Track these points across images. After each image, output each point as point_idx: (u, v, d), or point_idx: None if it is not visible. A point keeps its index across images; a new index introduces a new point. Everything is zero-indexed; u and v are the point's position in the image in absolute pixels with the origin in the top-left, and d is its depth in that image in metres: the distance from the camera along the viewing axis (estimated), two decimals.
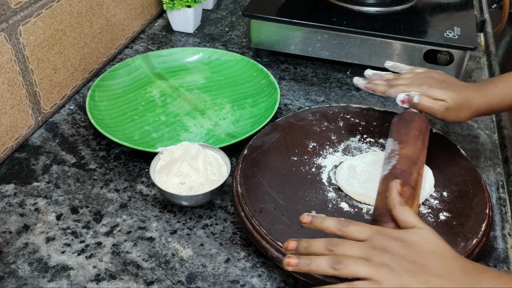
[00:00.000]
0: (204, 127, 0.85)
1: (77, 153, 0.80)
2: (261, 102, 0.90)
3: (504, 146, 0.84)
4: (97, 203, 0.72)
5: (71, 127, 0.86)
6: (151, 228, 0.68)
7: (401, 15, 0.99)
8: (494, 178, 0.78)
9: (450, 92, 0.71)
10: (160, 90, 0.93)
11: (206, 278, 0.62)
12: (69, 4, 0.86)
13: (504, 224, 0.71)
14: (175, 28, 1.14)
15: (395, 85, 0.75)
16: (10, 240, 0.66)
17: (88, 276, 0.62)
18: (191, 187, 0.70)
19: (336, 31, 0.94)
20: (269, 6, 1.00)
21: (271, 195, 0.67)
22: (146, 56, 0.98)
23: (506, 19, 1.43)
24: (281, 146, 0.75)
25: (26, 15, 0.77)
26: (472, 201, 0.66)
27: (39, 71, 0.82)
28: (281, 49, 1.00)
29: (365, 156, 0.73)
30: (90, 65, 0.96)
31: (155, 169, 0.71)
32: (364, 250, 0.51)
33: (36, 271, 0.62)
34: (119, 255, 0.65)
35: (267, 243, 0.61)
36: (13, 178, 0.75)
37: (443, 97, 0.71)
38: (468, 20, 0.98)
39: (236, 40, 1.11)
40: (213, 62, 1.00)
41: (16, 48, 0.76)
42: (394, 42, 0.93)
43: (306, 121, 0.80)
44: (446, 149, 0.75)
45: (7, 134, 0.77)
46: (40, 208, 0.71)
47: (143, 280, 0.62)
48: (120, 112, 0.87)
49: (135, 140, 0.81)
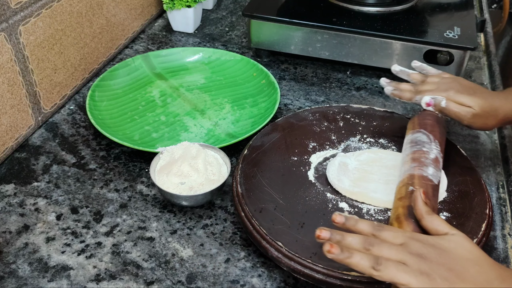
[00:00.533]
0: (204, 127, 0.85)
1: (77, 153, 0.80)
2: (261, 102, 0.90)
3: (504, 146, 0.84)
4: (97, 203, 0.72)
5: (71, 127, 0.86)
6: (151, 228, 0.68)
7: (401, 15, 0.99)
8: (494, 178, 0.78)
9: (477, 99, 0.70)
10: (160, 90, 0.93)
11: (206, 278, 0.62)
12: (69, 4, 0.86)
13: (504, 224, 0.71)
14: (175, 28, 1.14)
15: (421, 91, 0.74)
16: (10, 240, 0.66)
17: (88, 276, 0.62)
18: (191, 187, 0.70)
19: (336, 31, 0.94)
20: (269, 6, 1.00)
21: (271, 195, 0.67)
22: (146, 56, 0.98)
23: (506, 19, 1.43)
24: (281, 146, 0.75)
25: (26, 15, 0.77)
26: (472, 201, 0.66)
27: (39, 71, 0.82)
28: (281, 49, 1.00)
29: (361, 154, 0.73)
30: (90, 65, 0.96)
31: (155, 169, 0.71)
32: (401, 255, 0.49)
33: (36, 271, 0.62)
34: (119, 255, 0.65)
35: (267, 243, 0.61)
36: (13, 178, 0.75)
37: (470, 103, 0.70)
38: (468, 20, 0.98)
39: (236, 40, 1.11)
40: (213, 62, 1.00)
41: (16, 48, 0.76)
42: (394, 42, 0.93)
43: (306, 121, 0.80)
44: (446, 149, 0.75)
45: (7, 134, 0.77)
46: (40, 208, 0.71)
47: (143, 280, 0.62)
48: (120, 112, 0.87)
49: (135, 140, 0.81)
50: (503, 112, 0.70)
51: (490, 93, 0.73)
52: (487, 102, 0.70)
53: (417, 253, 0.49)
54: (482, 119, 0.70)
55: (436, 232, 0.53)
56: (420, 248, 0.50)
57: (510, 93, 0.72)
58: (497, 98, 0.71)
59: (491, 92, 0.73)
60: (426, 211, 0.54)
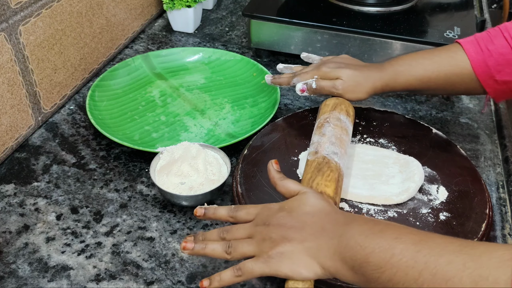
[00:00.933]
0: (204, 127, 0.85)
1: (77, 153, 0.80)
2: (261, 102, 0.90)
3: (504, 146, 0.84)
4: (97, 203, 0.72)
5: (71, 127, 0.86)
6: (151, 228, 0.68)
7: (401, 15, 0.99)
8: (494, 178, 0.78)
9: (346, 70, 0.74)
10: (160, 90, 0.93)
11: None
12: (69, 4, 0.86)
13: (504, 224, 0.71)
14: (175, 28, 1.14)
15: (297, 74, 0.78)
16: (10, 240, 0.66)
17: (88, 276, 0.62)
18: (191, 187, 0.70)
19: (336, 31, 0.94)
20: (269, 6, 1.00)
21: (271, 195, 0.67)
22: (146, 56, 0.98)
23: (506, 19, 1.43)
24: (281, 146, 0.75)
25: (26, 15, 0.77)
26: (472, 201, 0.66)
27: (39, 71, 0.82)
28: (281, 49, 1.00)
29: None
30: (90, 65, 0.96)
31: (155, 169, 0.71)
32: (249, 230, 0.54)
33: (36, 271, 0.62)
34: (119, 255, 0.65)
35: None
36: (13, 178, 0.75)
37: (338, 74, 0.74)
38: (468, 20, 0.98)
39: (236, 40, 1.11)
40: (213, 62, 1.00)
41: (16, 48, 0.76)
42: (394, 42, 0.93)
43: (306, 121, 0.80)
44: (446, 149, 0.75)
45: (7, 134, 0.77)
46: (40, 208, 0.71)
47: (143, 280, 0.62)
48: (120, 112, 0.87)
49: (135, 140, 0.81)
50: (371, 81, 0.73)
51: (361, 65, 0.76)
52: (355, 72, 0.74)
53: (263, 223, 0.53)
54: (351, 88, 0.73)
55: (290, 194, 0.56)
56: (266, 217, 0.54)
57: (382, 64, 0.76)
58: (366, 68, 0.75)
59: (364, 64, 0.77)
60: (279, 177, 0.58)
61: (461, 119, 0.90)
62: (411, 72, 0.73)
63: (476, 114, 0.91)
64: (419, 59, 0.74)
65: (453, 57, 0.72)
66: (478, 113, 0.91)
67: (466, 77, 0.72)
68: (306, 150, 0.75)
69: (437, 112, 0.91)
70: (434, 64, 0.73)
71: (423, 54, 0.75)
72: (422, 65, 0.73)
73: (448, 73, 0.72)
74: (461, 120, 0.89)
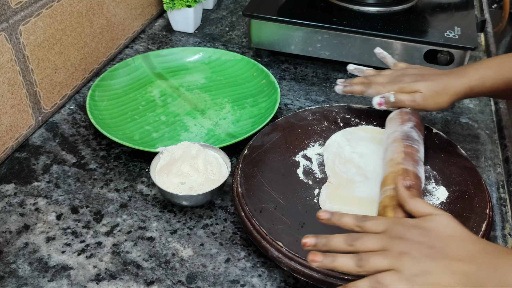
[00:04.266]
0: (204, 127, 0.85)
1: (77, 153, 0.80)
2: (261, 102, 0.90)
3: (504, 146, 0.84)
4: (97, 203, 0.72)
5: (71, 127, 0.86)
6: (151, 228, 0.68)
7: (402, 15, 0.99)
8: (494, 178, 0.78)
9: (425, 82, 0.73)
10: (160, 90, 0.93)
11: (206, 278, 0.62)
12: (69, 4, 0.86)
13: (505, 224, 0.71)
14: (175, 28, 1.14)
15: (372, 83, 0.77)
16: (10, 240, 0.66)
17: (88, 276, 0.62)
18: (191, 187, 0.70)
19: (336, 31, 0.94)
20: (269, 6, 1.00)
21: (271, 195, 0.67)
22: (146, 56, 0.98)
23: (506, 19, 1.43)
24: (281, 146, 0.75)
25: (27, 15, 0.77)
26: (472, 201, 0.66)
27: (39, 71, 0.82)
28: (281, 49, 1.00)
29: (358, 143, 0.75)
30: (91, 65, 0.96)
31: (155, 169, 0.71)
32: (383, 241, 0.51)
33: (36, 271, 0.62)
34: (119, 255, 0.65)
35: (267, 243, 0.61)
36: (13, 178, 0.75)
37: (417, 88, 0.72)
38: (469, 20, 0.98)
39: (237, 40, 1.11)
40: (213, 62, 0.99)
41: (16, 48, 0.76)
42: (394, 42, 0.93)
43: (306, 121, 0.80)
44: (446, 149, 0.75)
45: (7, 134, 0.77)
46: (40, 208, 0.71)
47: (143, 280, 0.62)
48: (120, 112, 0.87)
49: (135, 140, 0.81)
50: (453, 88, 0.72)
51: (438, 74, 0.75)
52: (435, 82, 0.72)
53: (398, 236, 0.51)
54: (432, 98, 0.72)
55: (420, 214, 0.54)
56: (401, 231, 0.51)
57: (461, 69, 0.75)
58: (445, 76, 0.73)
59: (441, 72, 0.75)
60: (409, 195, 0.55)
61: (462, 119, 0.90)
62: (499, 75, 0.72)
63: (477, 114, 0.91)
64: (506, 62, 0.73)
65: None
66: (478, 113, 0.91)
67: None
68: (306, 150, 0.75)
69: (437, 112, 0.91)
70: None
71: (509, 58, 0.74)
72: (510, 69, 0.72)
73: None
74: (461, 120, 0.89)
